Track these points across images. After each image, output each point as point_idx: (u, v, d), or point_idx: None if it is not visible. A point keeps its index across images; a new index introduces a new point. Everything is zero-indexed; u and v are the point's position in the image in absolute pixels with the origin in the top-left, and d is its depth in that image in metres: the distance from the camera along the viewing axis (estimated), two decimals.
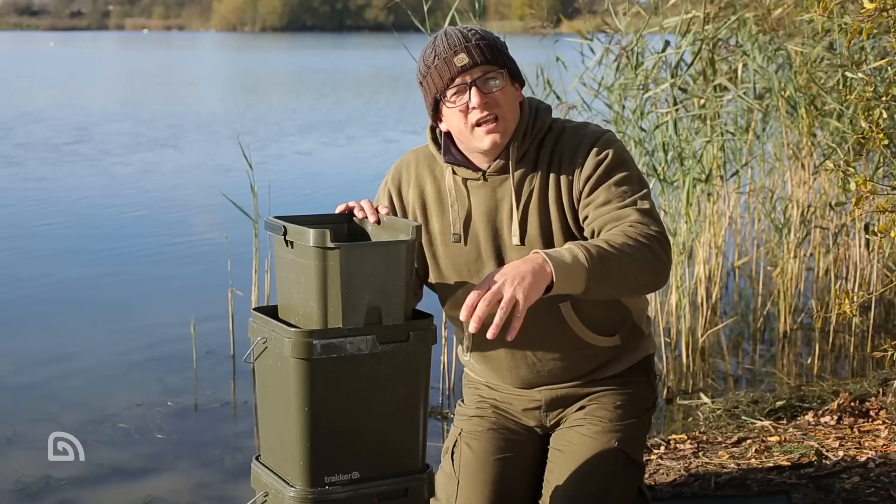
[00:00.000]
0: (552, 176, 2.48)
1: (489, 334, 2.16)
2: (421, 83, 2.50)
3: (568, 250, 2.26)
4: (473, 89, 2.41)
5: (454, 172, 2.55)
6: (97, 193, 10.86)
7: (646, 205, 2.42)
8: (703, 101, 5.65)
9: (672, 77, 5.39)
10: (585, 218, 2.45)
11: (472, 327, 2.15)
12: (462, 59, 2.40)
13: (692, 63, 5.51)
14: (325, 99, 23.12)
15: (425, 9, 4.72)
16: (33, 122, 17.13)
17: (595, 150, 2.46)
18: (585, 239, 2.46)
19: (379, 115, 18.93)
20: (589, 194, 2.45)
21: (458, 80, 2.42)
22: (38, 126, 16.58)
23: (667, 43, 5.52)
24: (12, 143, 14.52)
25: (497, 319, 2.16)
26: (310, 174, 12.38)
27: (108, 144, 14.58)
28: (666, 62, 5.58)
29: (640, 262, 2.31)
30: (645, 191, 2.46)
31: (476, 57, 2.41)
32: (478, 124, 2.43)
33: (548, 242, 2.48)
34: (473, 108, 2.42)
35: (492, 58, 2.42)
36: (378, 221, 2.41)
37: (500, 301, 2.15)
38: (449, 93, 2.44)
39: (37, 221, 9.43)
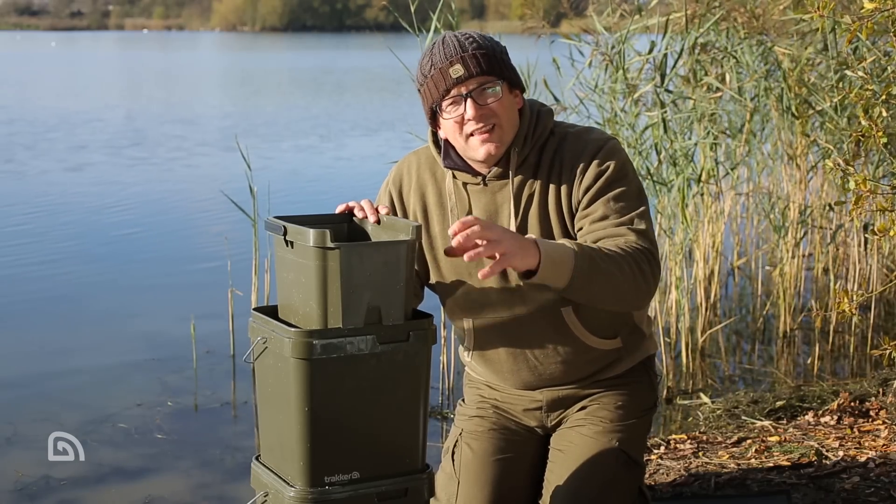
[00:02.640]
0: (553, 182, 2.47)
1: (466, 257, 2.16)
2: (419, 90, 2.49)
3: (561, 245, 2.26)
4: (469, 101, 2.39)
5: (454, 177, 2.54)
6: (96, 193, 10.86)
7: (642, 225, 2.41)
8: (693, 102, 5.64)
9: (661, 78, 5.37)
10: (580, 229, 2.45)
11: (454, 241, 2.16)
12: (458, 70, 2.38)
13: (675, 65, 5.50)
14: (325, 99, 23.12)
15: (412, 10, 4.71)
16: (29, 124, 17.14)
17: (598, 159, 2.45)
18: None
19: (379, 115, 18.92)
20: (587, 206, 2.44)
21: (453, 92, 2.40)
22: (31, 127, 16.59)
23: (653, 44, 5.52)
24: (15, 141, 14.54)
25: (473, 253, 2.16)
26: (310, 174, 12.38)
27: (108, 144, 14.59)
28: (653, 63, 5.57)
29: (625, 275, 2.31)
30: (643, 208, 2.45)
31: (472, 68, 2.38)
32: (473, 134, 2.42)
33: None
34: (469, 119, 2.40)
35: (488, 68, 2.39)
36: (378, 221, 2.41)
37: (484, 241, 2.16)
38: (445, 103, 2.42)
39: (35, 222, 9.43)
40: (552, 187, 2.47)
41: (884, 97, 3.09)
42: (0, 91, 24.40)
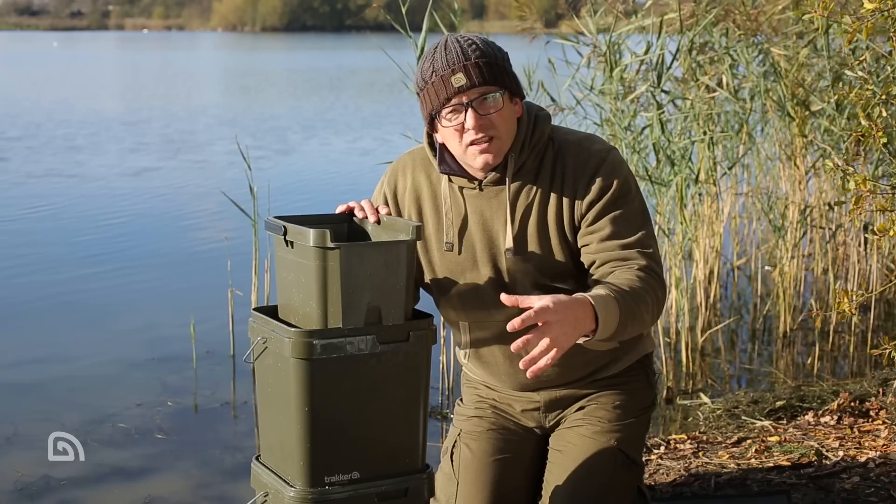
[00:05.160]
0: (553, 191, 2.46)
1: (521, 364, 2.09)
2: (418, 94, 2.47)
3: (610, 301, 2.23)
4: (469, 111, 2.37)
5: (450, 180, 2.53)
6: (97, 193, 10.86)
7: (650, 246, 2.42)
8: (691, 102, 5.64)
9: (658, 79, 5.38)
10: (585, 245, 2.44)
11: (513, 347, 2.10)
12: (459, 79, 2.35)
13: (670, 66, 5.50)
14: (325, 99, 23.12)
15: (403, 10, 4.70)
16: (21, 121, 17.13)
17: (602, 173, 2.44)
18: (579, 256, 2.47)
19: (379, 115, 18.93)
20: (592, 222, 2.43)
21: (454, 101, 2.37)
22: (29, 124, 16.59)
23: (649, 44, 5.51)
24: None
25: (533, 356, 2.09)
26: (309, 174, 12.38)
27: (108, 144, 14.58)
28: (649, 63, 5.57)
29: (649, 310, 2.35)
30: (648, 228, 2.45)
31: (474, 77, 2.35)
32: (471, 144, 2.41)
33: (545, 254, 2.47)
34: (468, 129, 2.38)
35: (490, 77, 2.37)
36: (378, 221, 2.41)
37: (541, 336, 2.09)
38: (445, 111, 2.39)
39: (36, 221, 9.43)
40: (552, 197, 2.46)
41: (883, 97, 3.09)
42: (28, 92, 24.35)
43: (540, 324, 2.09)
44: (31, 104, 20.73)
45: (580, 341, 2.20)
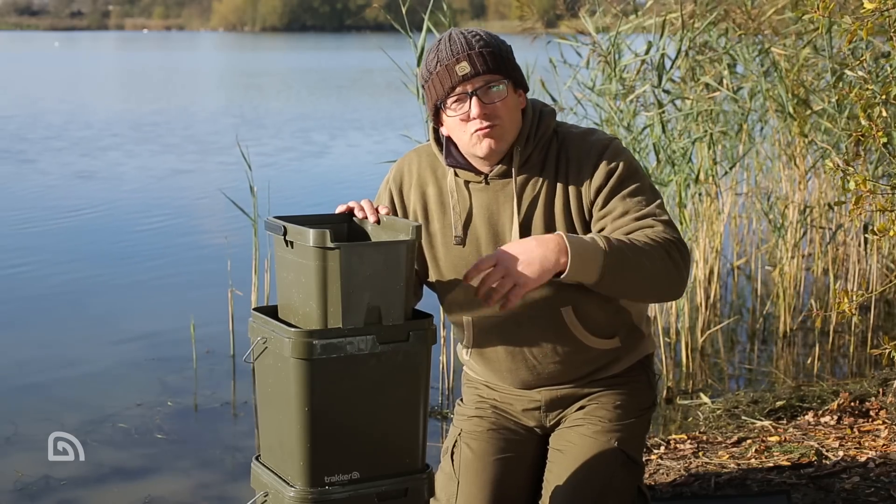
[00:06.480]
0: (559, 182, 2.47)
1: (489, 303, 2.26)
2: (422, 86, 2.49)
3: (591, 240, 2.27)
4: (474, 99, 2.39)
5: (456, 175, 2.54)
6: (97, 193, 10.86)
7: (664, 215, 2.43)
8: (691, 102, 5.64)
9: (658, 78, 5.37)
10: (601, 230, 2.45)
11: (479, 293, 2.25)
12: (464, 67, 2.38)
13: (672, 66, 5.50)
14: (325, 99, 23.10)
15: (403, 10, 4.70)
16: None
17: (605, 159, 2.45)
18: None
19: (379, 115, 18.92)
20: (603, 206, 2.44)
21: (458, 89, 2.40)
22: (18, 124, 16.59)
23: (649, 44, 5.52)
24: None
25: (495, 296, 2.27)
26: (309, 174, 12.37)
27: (109, 144, 14.58)
28: (650, 63, 5.58)
29: (657, 264, 2.32)
30: (659, 200, 2.46)
31: (478, 66, 2.38)
32: (476, 132, 2.42)
33: None
34: (473, 117, 2.40)
35: (494, 67, 2.40)
36: (378, 221, 2.41)
37: (502, 277, 2.25)
38: (449, 100, 2.42)
39: (37, 222, 9.42)
40: (558, 188, 2.47)
41: (883, 97, 3.09)
42: (38, 93, 24.33)
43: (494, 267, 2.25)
44: (44, 105, 20.70)
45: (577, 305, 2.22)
